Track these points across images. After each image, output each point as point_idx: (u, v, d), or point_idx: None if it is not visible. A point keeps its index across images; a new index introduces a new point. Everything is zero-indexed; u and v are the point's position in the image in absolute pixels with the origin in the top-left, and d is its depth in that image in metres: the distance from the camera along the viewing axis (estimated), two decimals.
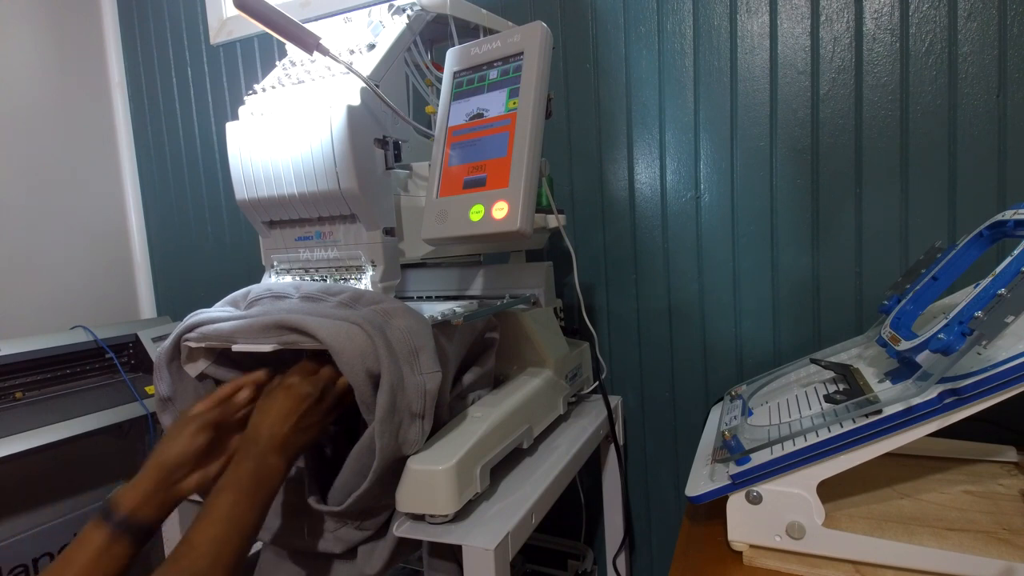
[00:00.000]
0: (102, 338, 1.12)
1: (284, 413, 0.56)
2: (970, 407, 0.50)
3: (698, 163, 0.93)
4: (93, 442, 1.11)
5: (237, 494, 0.51)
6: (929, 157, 0.81)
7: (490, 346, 0.74)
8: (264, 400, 0.58)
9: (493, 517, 0.59)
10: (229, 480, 0.52)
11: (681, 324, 0.97)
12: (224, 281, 1.38)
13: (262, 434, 0.55)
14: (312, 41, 0.63)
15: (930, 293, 0.64)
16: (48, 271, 1.32)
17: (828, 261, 0.87)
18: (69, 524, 1.03)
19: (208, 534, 0.48)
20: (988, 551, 0.50)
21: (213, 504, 0.50)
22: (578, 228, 1.02)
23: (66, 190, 1.36)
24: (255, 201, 0.69)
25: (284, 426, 0.56)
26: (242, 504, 0.51)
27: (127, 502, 0.53)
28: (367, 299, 0.60)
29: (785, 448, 0.55)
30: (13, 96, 1.27)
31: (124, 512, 0.52)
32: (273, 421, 0.56)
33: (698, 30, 0.91)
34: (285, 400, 0.57)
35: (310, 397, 0.58)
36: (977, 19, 0.77)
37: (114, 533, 0.51)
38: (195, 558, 0.47)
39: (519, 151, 0.60)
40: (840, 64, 0.84)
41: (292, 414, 0.57)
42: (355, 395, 0.55)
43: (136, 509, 0.53)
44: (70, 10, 1.39)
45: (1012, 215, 0.59)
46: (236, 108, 0.77)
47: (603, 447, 0.94)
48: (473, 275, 0.81)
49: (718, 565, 0.57)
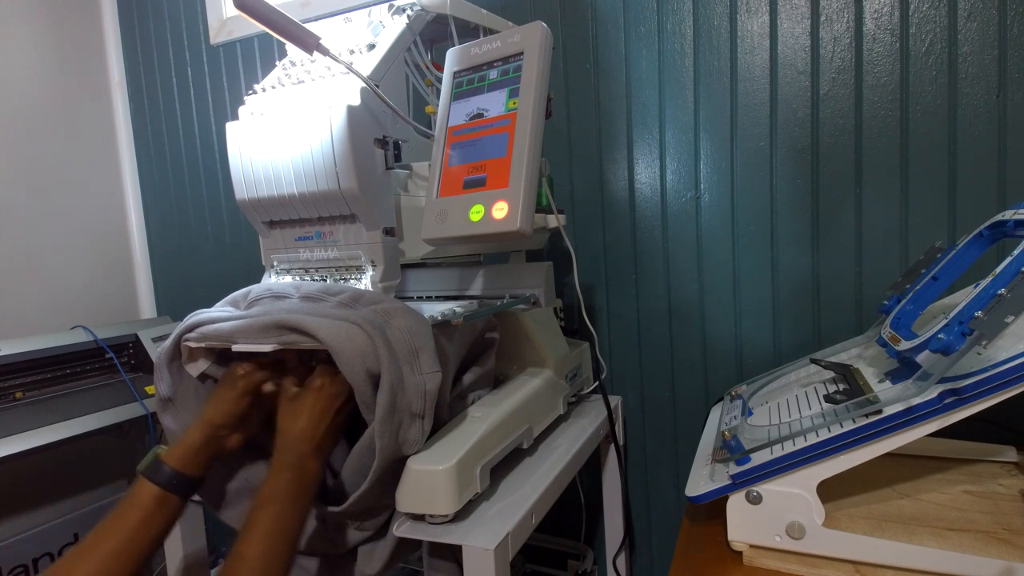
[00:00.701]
0: (102, 338, 1.12)
1: (317, 416, 0.57)
2: (970, 407, 0.50)
3: (698, 163, 0.93)
4: (93, 442, 1.11)
5: (281, 504, 0.52)
6: (929, 157, 0.81)
7: (490, 346, 0.74)
8: (290, 405, 0.58)
9: (493, 517, 0.59)
10: (272, 491, 0.53)
11: (681, 324, 0.97)
12: (224, 281, 1.38)
13: (298, 439, 0.56)
14: (312, 41, 0.63)
15: (930, 293, 0.64)
16: (48, 271, 1.32)
17: (828, 261, 0.87)
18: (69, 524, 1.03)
19: (258, 548, 0.50)
20: (988, 551, 0.50)
21: (259, 516, 0.52)
22: (578, 228, 1.02)
23: (66, 190, 1.36)
24: (255, 201, 0.69)
25: (319, 429, 0.57)
26: (286, 513, 0.52)
27: (176, 460, 0.56)
28: (367, 299, 0.60)
29: (785, 448, 0.55)
30: (13, 96, 1.27)
31: (174, 468, 0.56)
32: (305, 425, 0.56)
33: (698, 30, 0.91)
34: (316, 403, 0.58)
35: (339, 396, 0.59)
36: (977, 19, 0.77)
37: (164, 489, 0.55)
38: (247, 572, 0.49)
39: (519, 151, 0.60)
40: (840, 64, 0.84)
41: (326, 415, 0.58)
42: (355, 395, 0.55)
43: (185, 465, 0.56)
44: (70, 10, 1.39)
45: (1012, 215, 0.59)
46: (236, 108, 0.77)
47: (603, 447, 0.94)
48: (473, 275, 0.81)
49: (718, 565, 0.57)
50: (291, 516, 0.53)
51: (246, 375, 0.61)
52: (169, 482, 0.55)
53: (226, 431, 0.60)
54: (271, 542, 0.50)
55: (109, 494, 1.15)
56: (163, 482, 0.55)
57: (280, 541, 0.51)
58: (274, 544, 0.50)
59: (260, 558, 0.49)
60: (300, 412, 0.57)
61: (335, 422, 0.59)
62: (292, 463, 0.55)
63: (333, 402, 0.58)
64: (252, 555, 0.49)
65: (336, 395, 0.58)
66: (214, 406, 0.59)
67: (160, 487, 0.55)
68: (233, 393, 0.60)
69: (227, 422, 0.59)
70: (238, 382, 0.60)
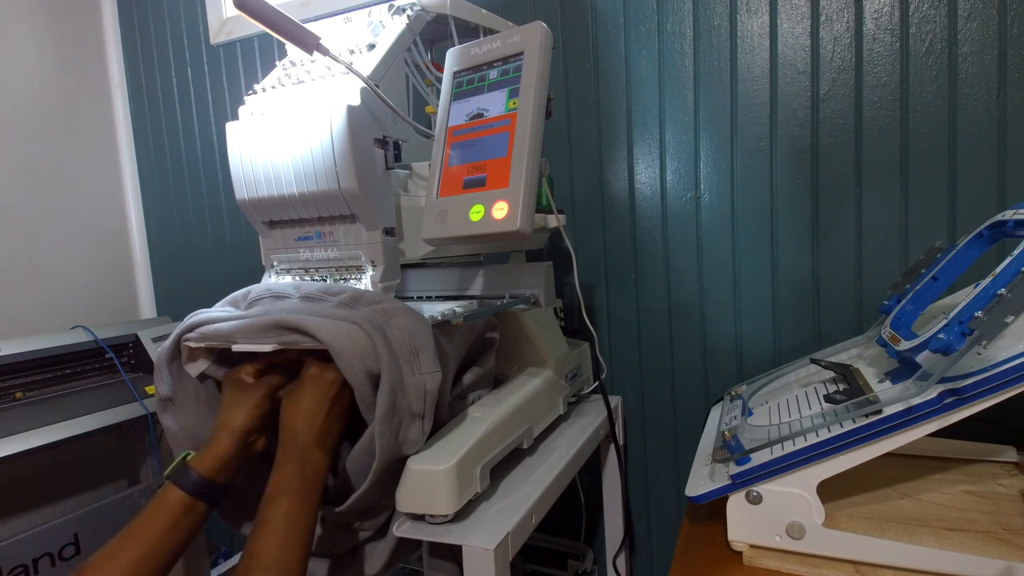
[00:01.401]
0: (102, 338, 1.12)
1: (315, 405, 0.57)
2: (970, 407, 0.50)
3: (698, 163, 0.93)
4: (93, 442, 1.11)
5: (289, 499, 0.52)
6: (929, 157, 0.81)
7: (490, 346, 0.74)
8: (290, 398, 0.58)
9: (493, 517, 0.59)
10: (277, 486, 0.53)
11: (681, 324, 0.97)
12: (224, 281, 1.38)
13: (298, 432, 0.55)
14: (312, 41, 0.63)
15: (930, 293, 0.64)
16: (48, 271, 1.32)
17: (828, 261, 0.87)
18: (69, 524, 1.03)
19: (270, 544, 0.49)
20: (988, 551, 0.50)
21: (268, 513, 0.51)
22: (578, 228, 1.02)
23: (66, 190, 1.36)
24: (255, 201, 0.69)
25: (318, 418, 0.56)
26: (295, 507, 0.52)
27: (204, 467, 0.55)
28: (367, 299, 0.60)
29: (785, 448, 0.55)
30: (13, 96, 1.27)
31: (203, 475, 0.55)
32: (304, 417, 0.56)
33: (698, 30, 0.91)
34: (313, 392, 0.57)
35: (336, 383, 0.58)
36: (977, 19, 0.77)
37: (193, 496, 0.54)
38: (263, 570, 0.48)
39: (519, 151, 0.60)
40: (840, 64, 0.84)
41: (324, 403, 0.57)
42: (355, 395, 0.55)
43: (215, 472, 0.55)
44: (70, 10, 1.39)
45: (1012, 215, 0.59)
46: (236, 108, 0.77)
47: (603, 447, 0.94)
48: (473, 275, 0.81)
49: (718, 565, 0.57)
50: (300, 509, 0.52)
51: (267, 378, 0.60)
52: (199, 489, 0.54)
53: (255, 436, 0.59)
54: (282, 537, 0.49)
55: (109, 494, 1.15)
56: (191, 488, 0.54)
57: (292, 535, 0.50)
58: (286, 539, 0.50)
59: (273, 554, 0.48)
60: (298, 405, 0.57)
61: (334, 411, 0.58)
62: (296, 456, 0.54)
63: (329, 390, 0.57)
64: (264, 552, 0.48)
65: (331, 383, 0.57)
66: (240, 412, 0.58)
67: (188, 494, 0.54)
68: (257, 396, 0.59)
69: (255, 426, 0.58)
70: (260, 385, 0.60)
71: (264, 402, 0.59)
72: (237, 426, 0.57)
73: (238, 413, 0.58)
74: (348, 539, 0.62)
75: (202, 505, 0.55)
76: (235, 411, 0.58)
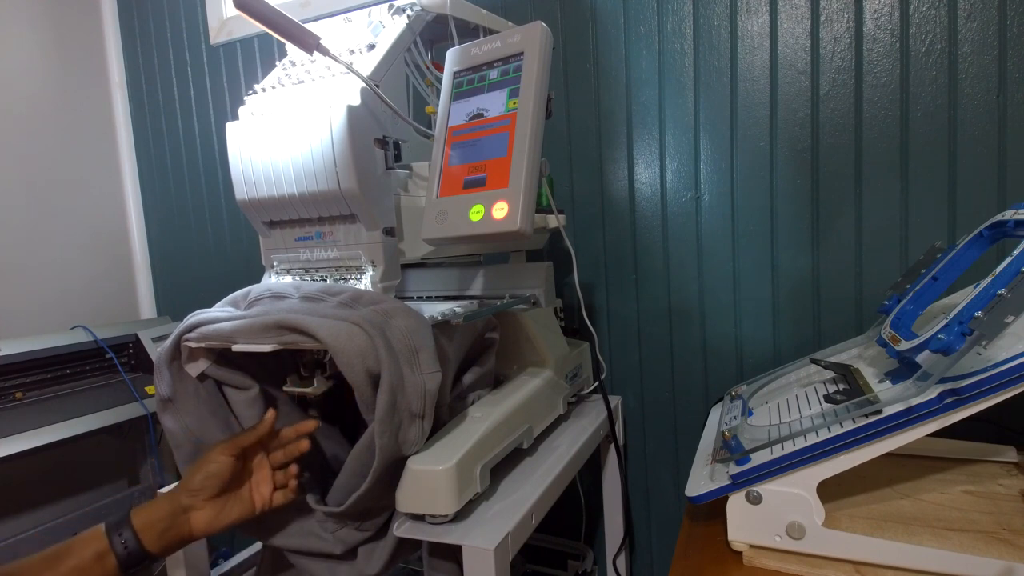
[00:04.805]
0: (102, 338, 1.12)
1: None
2: (970, 407, 0.50)
3: (698, 163, 0.93)
4: (93, 442, 1.11)
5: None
6: (929, 157, 0.81)
7: (490, 346, 0.74)
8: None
9: (493, 517, 0.59)
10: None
11: (681, 324, 0.97)
12: (224, 281, 1.38)
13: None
14: (312, 41, 0.63)
15: (930, 293, 0.64)
16: (48, 271, 1.32)
17: (828, 261, 0.87)
18: (69, 524, 1.03)
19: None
20: (988, 551, 0.50)
21: None
22: (578, 228, 1.02)
23: (66, 190, 1.36)
24: (255, 201, 0.69)
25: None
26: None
27: (139, 521, 0.53)
28: (367, 299, 0.60)
29: (785, 448, 0.55)
30: (13, 96, 1.27)
31: (135, 529, 0.53)
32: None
33: (698, 30, 0.91)
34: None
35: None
36: (977, 19, 0.77)
37: (111, 549, 0.52)
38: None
39: (519, 151, 0.60)
40: (840, 64, 0.84)
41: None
42: (355, 395, 0.55)
43: (143, 529, 0.53)
44: (70, 10, 1.39)
45: (1012, 215, 0.59)
46: (236, 108, 0.77)
47: (603, 447, 0.94)
48: (473, 275, 0.80)
49: (718, 565, 0.57)
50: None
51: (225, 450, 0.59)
52: (122, 546, 0.52)
53: (199, 499, 0.57)
54: None
55: (109, 494, 1.15)
56: (115, 543, 0.52)
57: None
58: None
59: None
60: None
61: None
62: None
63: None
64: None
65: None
66: (189, 472, 0.57)
67: (109, 545, 0.51)
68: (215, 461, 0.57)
69: (203, 486, 0.57)
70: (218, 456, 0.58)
71: (223, 470, 0.57)
72: (182, 486, 0.57)
73: (187, 473, 0.58)
74: (348, 539, 0.62)
75: (112, 561, 0.52)
76: (193, 474, 0.58)
